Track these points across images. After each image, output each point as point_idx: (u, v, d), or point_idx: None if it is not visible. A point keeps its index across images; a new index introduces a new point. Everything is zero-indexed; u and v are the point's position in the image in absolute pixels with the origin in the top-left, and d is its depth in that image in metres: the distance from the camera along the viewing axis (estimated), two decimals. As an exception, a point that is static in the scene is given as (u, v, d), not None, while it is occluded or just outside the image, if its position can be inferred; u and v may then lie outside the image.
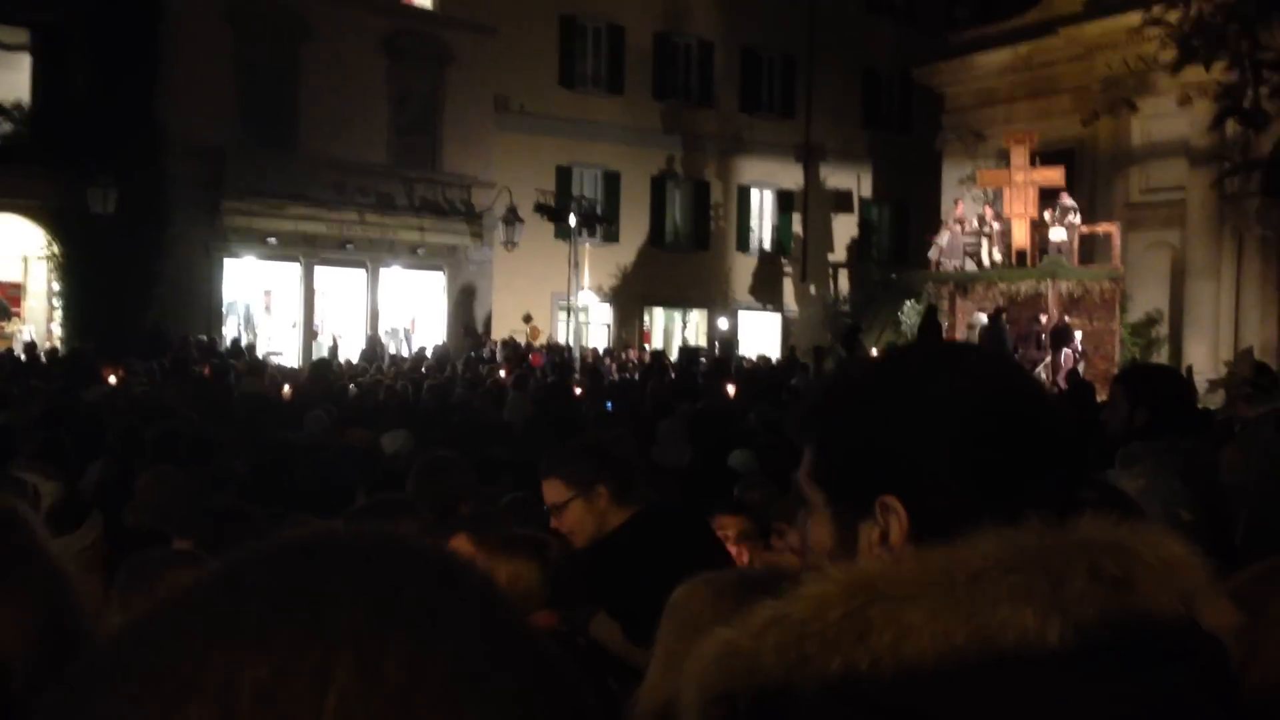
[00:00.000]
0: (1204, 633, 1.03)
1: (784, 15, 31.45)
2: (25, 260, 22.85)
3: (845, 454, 1.17)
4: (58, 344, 20.62)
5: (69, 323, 21.84)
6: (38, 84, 21.99)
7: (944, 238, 23.35)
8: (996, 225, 22.48)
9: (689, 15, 30.35)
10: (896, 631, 0.96)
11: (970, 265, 22.88)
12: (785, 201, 32.66)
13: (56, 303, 22.50)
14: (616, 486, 3.38)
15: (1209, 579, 1.04)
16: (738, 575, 1.92)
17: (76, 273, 21.69)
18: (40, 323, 22.81)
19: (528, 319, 26.93)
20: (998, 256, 22.38)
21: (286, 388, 12.03)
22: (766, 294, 32.18)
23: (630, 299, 29.71)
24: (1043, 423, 1.15)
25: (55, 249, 21.95)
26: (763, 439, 7.70)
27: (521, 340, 24.91)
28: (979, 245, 23.02)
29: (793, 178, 32.61)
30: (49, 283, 22.68)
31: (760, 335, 30.95)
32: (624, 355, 24.18)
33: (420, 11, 26.13)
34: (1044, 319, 21.02)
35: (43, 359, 17.36)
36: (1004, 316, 20.60)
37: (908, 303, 25.12)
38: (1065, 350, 19.96)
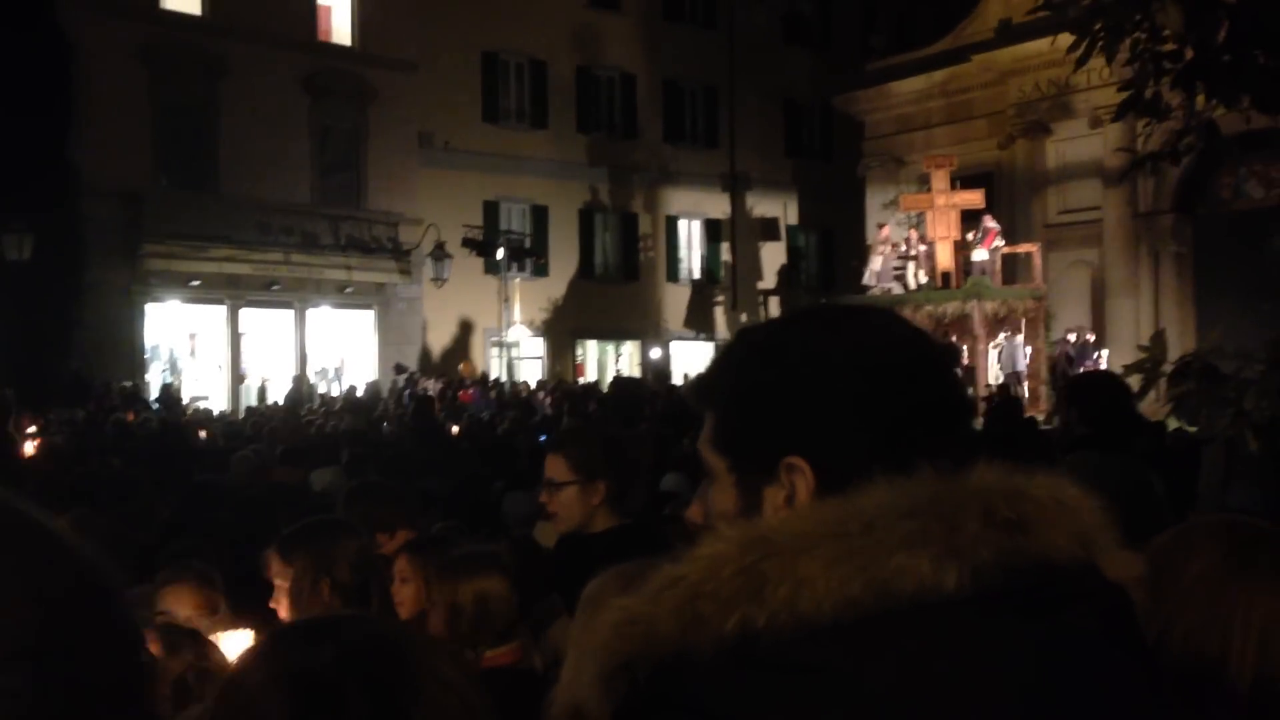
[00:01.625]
0: (1104, 577, 1.01)
1: (704, 46, 31.83)
2: (-63, 310, 22.21)
3: (745, 417, 1.14)
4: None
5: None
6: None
7: (876, 262, 23.67)
8: (922, 248, 22.83)
9: (609, 48, 30.56)
10: (792, 585, 0.94)
11: (898, 289, 23.20)
12: (713, 230, 32.91)
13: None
14: (615, 489, 3.32)
15: (1105, 521, 1.03)
16: (647, 562, 1.89)
17: (-9, 321, 21.12)
18: (-46, 374, 22.14)
19: (462, 358, 26.79)
20: (924, 279, 22.71)
21: (203, 432, 11.80)
22: (698, 323, 32.34)
23: (562, 332, 29.67)
24: (938, 377, 1.14)
25: (-32, 298, 21.37)
26: (696, 463, 7.71)
27: (453, 377, 24.72)
28: (905, 268, 23.35)
29: (719, 207, 32.89)
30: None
31: (693, 365, 31.05)
32: (557, 388, 24.09)
33: (340, 49, 25.99)
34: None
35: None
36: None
37: (837, 327, 25.32)
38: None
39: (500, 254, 25.84)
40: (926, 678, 0.92)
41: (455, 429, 13.37)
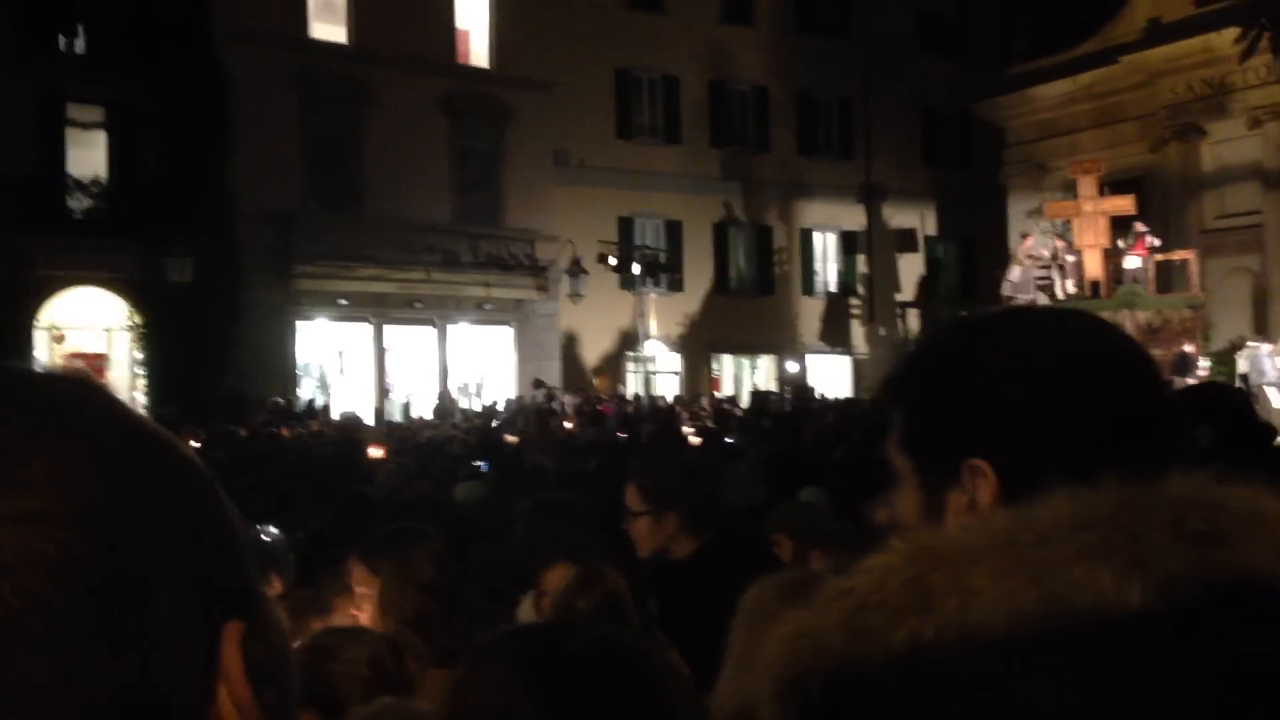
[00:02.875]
0: None
1: (837, 56, 31.54)
2: (108, 332, 23.46)
3: (931, 418, 1.11)
4: (141, 411, 21.05)
5: (151, 390, 22.33)
6: (113, 160, 22.70)
7: (1015, 273, 23.06)
8: (1069, 257, 22.13)
9: (742, 62, 30.53)
10: (960, 597, 0.90)
11: (1043, 299, 22.54)
12: (849, 243, 32.53)
13: (139, 371, 23.03)
14: (688, 517, 3.34)
15: None
16: (807, 573, 1.89)
17: (156, 341, 22.22)
18: (124, 392, 23.33)
19: (598, 372, 27.04)
20: (1071, 289, 22.01)
21: (377, 450, 12.12)
22: (834, 336, 31.98)
23: (698, 346, 29.69)
24: (1139, 387, 1.09)
25: (136, 319, 22.53)
26: (836, 478, 7.61)
27: (590, 392, 24.98)
28: (1051, 279, 22.68)
29: (855, 219, 32.49)
30: (131, 352, 23.25)
31: (830, 378, 30.72)
32: (697, 404, 24.09)
33: (478, 71, 26.59)
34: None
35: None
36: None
37: (979, 339, 24.75)
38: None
39: (636, 269, 26.04)
40: (1106, 697, 0.87)
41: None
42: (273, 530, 4.43)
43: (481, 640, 1.33)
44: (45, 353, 22.78)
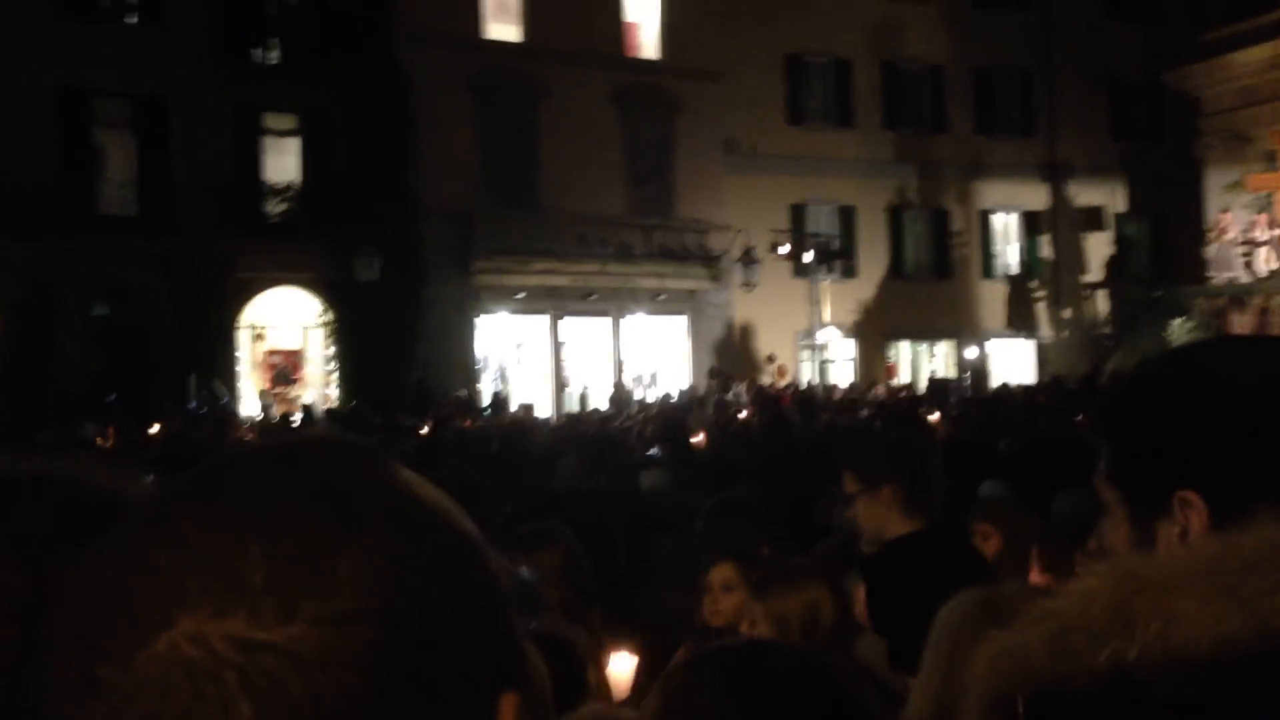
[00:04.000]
0: None
1: (1017, 30, 30.46)
2: (304, 329, 24.70)
3: (1139, 450, 1.12)
4: (334, 405, 22.08)
5: (343, 384, 23.40)
6: (306, 165, 23.86)
7: (1213, 249, 21.87)
8: (1273, 232, 20.84)
9: (915, 41, 29.83)
10: (1163, 621, 0.91)
11: (1245, 277, 21.31)
12: (1031, 223, 31.45)
13: (332, 366, 24.16)
14: (905, 492, 3.29)
15: None
16: (1002, 590, 1.87)
17: (347, 337, 23.28)
18: (318, 386, 24.52)
19: (771, 359, 26.92)
20: (1275, 264, 20.73)
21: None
22: (1018, 320, 30.98)
23: (873, 333, 29.22)
24: None
25: (328, 316, 23.64)
26: (1016, 469, 7.39)
27: (767, 380, 24.89)
28: (1252, 254, 21.41)
29: (1037, 198, 31.37)
30: (324, 348, 24.41)
31: (1012, 363, 29.78)
32: (872, 391, 23.72)
33: (647, 63, 26.80)
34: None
35: (320, 420, 18.60)
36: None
37: (1175, 321, 23.61)
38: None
39: (809, 257, 25.80)
40: None
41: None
42: (524, 572, 4.60)
43: (684, 660, 1.37)
44: (247, 350, 24.15)
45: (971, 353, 29.86)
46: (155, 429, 13.11)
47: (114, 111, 22.49)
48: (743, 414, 17.52)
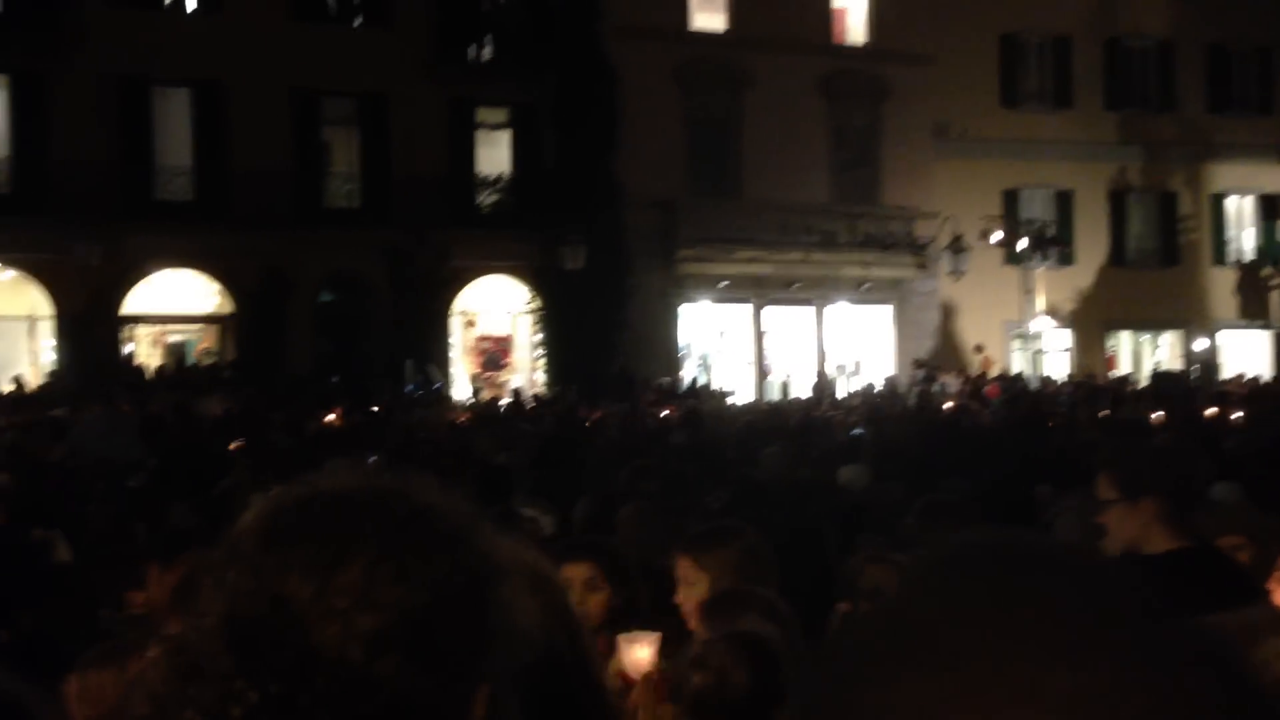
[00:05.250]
0: None
1: (1255, 2, 28.44)
2: (513, 315, 25.47)
3: None
4: (541, 390, 22.71)
5: (550, 370, 24.02)
6: (516, 157, 24.56)
7: None
8: None
9: (1142, 16, 28.25)
10: None
11: None
12: (1269, 206, 29.38)
13: (539, 352, 24.84)
14: (1167, 506, 3.12)
15: None
16: (1252, 615, 1.75)
17: (553, 324, 23.87)
18: (525, 371, 25.26)
19: (979, 349, 26.11)
20: None
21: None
22: (1252, 309, 29.01)
23: (1091, 323, 27.91)
24: None
25: (536, 303, 24.30)
26: (1251, 468, 6.94)
27: (972, 372, 24.18)
28: None
29: (1276, 180, 29.27)
30: (531, 335, 25.12)
31: (1246, 355, 27.93)
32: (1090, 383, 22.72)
33: (855, 49, 26.33)
34: None
35: (527, 405, 19.16)
36: None
37: None
38: None
39: (1022, 244, 24.89)
40: None
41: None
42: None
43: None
44: (459, 336, 25.08)
45: (1200, 344, 28.16)
46: (376, 410, 13.77)
47: (340, 110, 23.70)
48: (947, 406, 17.08)
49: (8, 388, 19.10)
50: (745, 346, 25.90)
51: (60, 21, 20.90)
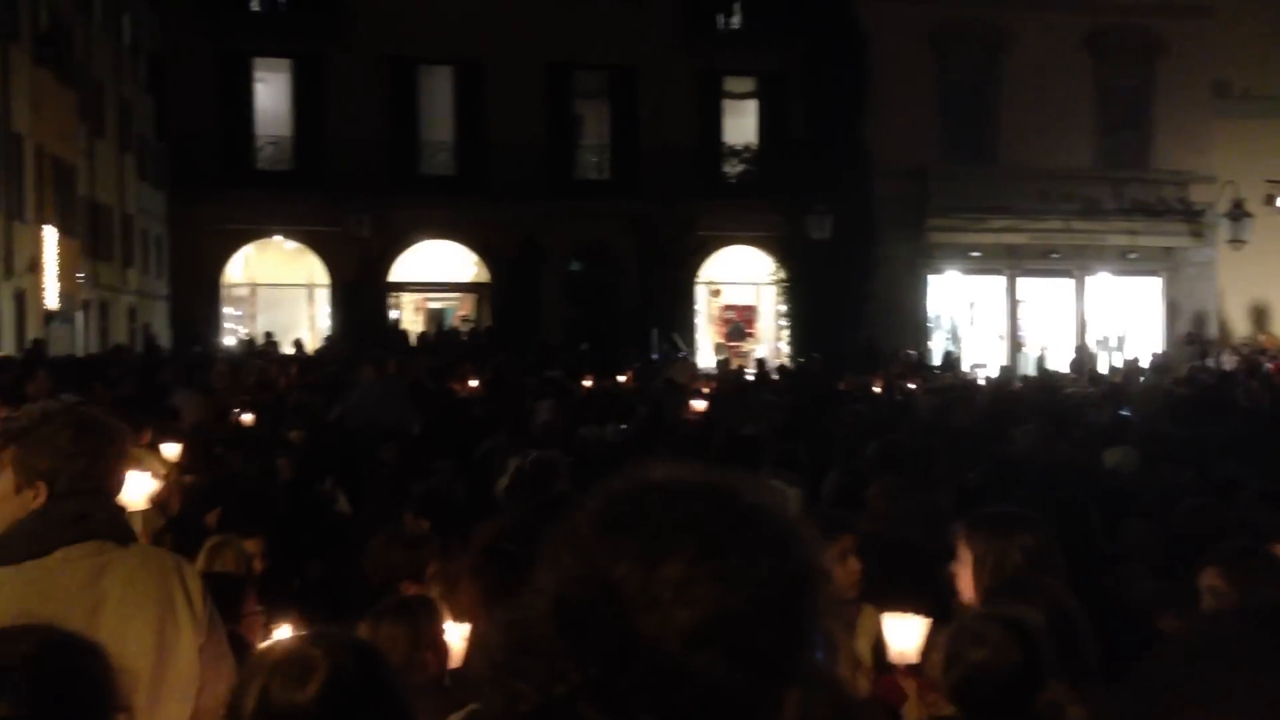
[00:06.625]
0: None
1: None
2: (757, 286, 25.49)
3: None
4: (785, 360, 22.63)
5: (793, 340, 23.91)
6: (763, 126, 24.47)
7: None
8: None
9: None
10: None
11: None
12: None
13: (783, 323, 24.76)
14: None
15: None
16: None
17: (798, 295, 23.72)
18: (770, 342, 25.24)
19: (1264, 327, 24.23)
20: None
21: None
22: None
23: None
24: None
25: (781, 273, 24.20)
26: None
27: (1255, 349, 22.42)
28: None
29: None
30: (775, 305, 25.06)
31: None
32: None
33: (1125, 4, 24.72)
34: None
35: (773, 376, 19.10)
36: None
37: None
38: None
39: (1313, 210, 22.85)
40: None
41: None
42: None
43: None
44: (704, 305, 25.30)
45: None
46: (624, 379, 14.09)
47: (591, 83, 24.26)
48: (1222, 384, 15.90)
49: (290, 350, 20.64)
50: (997, 319, 24.98)
51: (337, 6, 22.27)
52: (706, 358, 23.64)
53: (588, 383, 12.12)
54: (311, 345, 21.41)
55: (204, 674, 2.34)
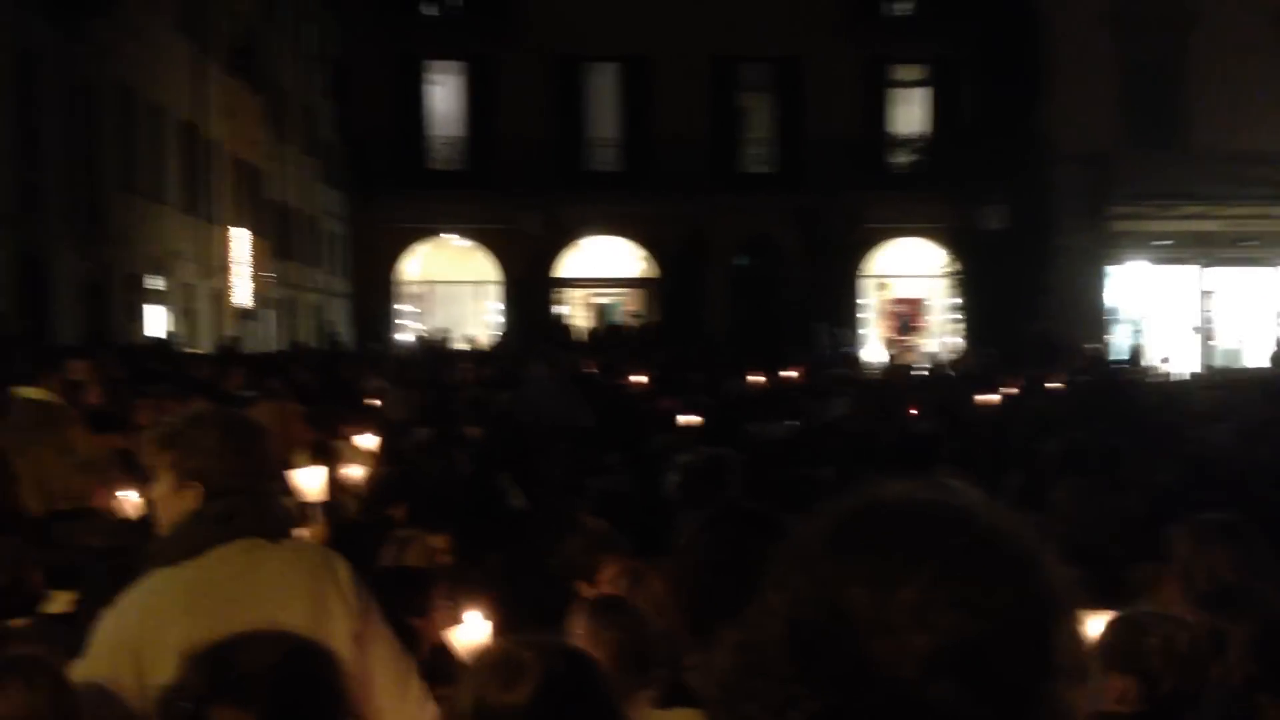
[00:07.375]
0: None
1: None
2: (927, 278, 24.94)
3: None
4: (955, 355, 22.06)
5: (966, 333, 23.30)
6: (933, 114, 23.89)
7: None
8: None
9: None
10: None
11: None
12: None
13: (954, 316, 24.14)
14: None
15: None
16: None
17: (970, 287, 23.07)
18: (938, 335, 24.66)
19: None
20: None
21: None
22: None
23: None
24: None
25: (952, 266, 23.59)
26: None
27: None
28: None
29: None
30: (946, 297, 24.46)
31: None
32: None
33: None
34: None
35: (949, 372, 18.62)
36: None
37: None
38: None
39: None
40: None
41: None
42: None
43: None
44: (871, 299, 24.89)
45: None
46: (793, 374, 13.93)
47: (756, 75, 24.15)
48: None
49: (462, 346, 21.24)
50: (1185, 311, 23.79)
51: (507, 7, 22.77)
52: (874, 351, 23.26)
53: (757, 378, 12.02)
54: (482, 341, 21.97)
55: (366, 661, 2.36)
